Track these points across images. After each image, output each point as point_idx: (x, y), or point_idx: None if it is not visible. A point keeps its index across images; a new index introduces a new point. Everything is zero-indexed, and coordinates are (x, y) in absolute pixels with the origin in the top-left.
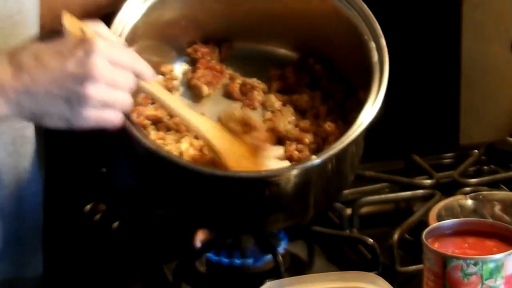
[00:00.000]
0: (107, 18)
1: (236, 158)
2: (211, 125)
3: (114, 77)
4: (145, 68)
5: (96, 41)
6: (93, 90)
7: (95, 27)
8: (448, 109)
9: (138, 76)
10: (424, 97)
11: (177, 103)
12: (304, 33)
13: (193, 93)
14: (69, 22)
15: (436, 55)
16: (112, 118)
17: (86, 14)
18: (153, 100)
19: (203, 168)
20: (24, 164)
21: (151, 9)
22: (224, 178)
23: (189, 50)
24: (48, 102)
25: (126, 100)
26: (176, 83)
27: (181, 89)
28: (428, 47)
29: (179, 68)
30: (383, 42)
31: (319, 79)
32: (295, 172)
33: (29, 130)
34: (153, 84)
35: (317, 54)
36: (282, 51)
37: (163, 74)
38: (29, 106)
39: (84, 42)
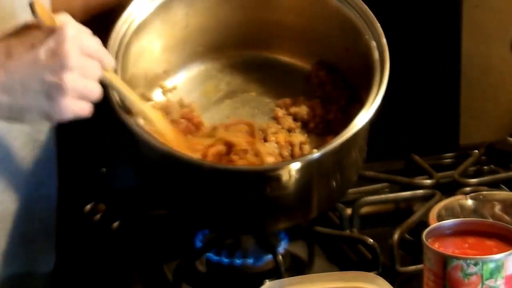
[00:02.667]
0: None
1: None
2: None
3: (85, 66)
4: (106, 56)
5: (66, 29)
6: (70, 79)
7: (63, 18)
8: (448, 109)
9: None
10: (424, 97)
11: (133, 94)
12: (307, 37)
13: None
14: (40, 9)
15: (436, 55)
16: (86, 109)
17: (88, 13)
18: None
19: (203, 161)
20: (34, 168)
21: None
22: (224, 171)
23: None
24: (27, 97)
25: (97, 89)
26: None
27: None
28: (428, 47)
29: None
30: (384, 40)
31: (324, 84)
32: (295, 165)
33: (41, 135)
34: (112, 74)
35: (321, 59)
36: (291, 59)
37: (162, 87)
38: (8, 103)
39: (54, 32)
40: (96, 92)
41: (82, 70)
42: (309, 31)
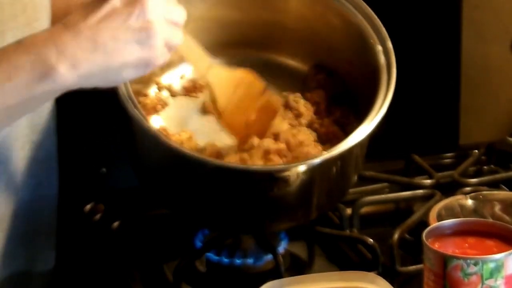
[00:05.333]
0: None
1: (232, 117)
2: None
3: (166, 12)
4: (177, 7)
5: None
6: (155, 21)
7: None
8: (448, 109)
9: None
10: (424, 97)
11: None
12: (309, 40)
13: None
14: None
15: (436, 55)
16: (168, 54)
17: None
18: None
19: (209, 159)
20: (34, 169)
21: None
22: (230, 170)
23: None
24: (119, 49)
25: (180, 35)
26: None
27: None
28: (428, 47)
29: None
30: (390, 44)
31: (322, 88)
32: (302, 168)
33: (39, 136)
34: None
35: (319, 62)
36: (291, 61)
37: (157, 83)
38: (103, 61)
39: None
40: (179, 38)
41: (163, 15)
42: (311, 33)
